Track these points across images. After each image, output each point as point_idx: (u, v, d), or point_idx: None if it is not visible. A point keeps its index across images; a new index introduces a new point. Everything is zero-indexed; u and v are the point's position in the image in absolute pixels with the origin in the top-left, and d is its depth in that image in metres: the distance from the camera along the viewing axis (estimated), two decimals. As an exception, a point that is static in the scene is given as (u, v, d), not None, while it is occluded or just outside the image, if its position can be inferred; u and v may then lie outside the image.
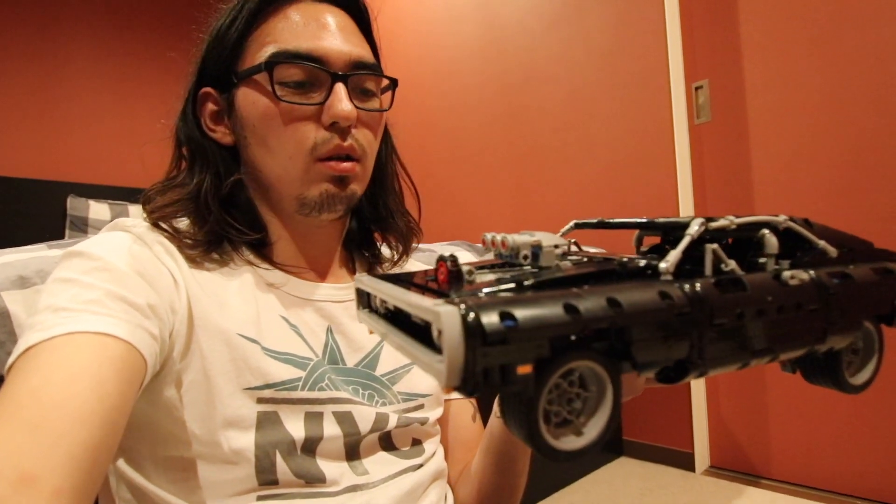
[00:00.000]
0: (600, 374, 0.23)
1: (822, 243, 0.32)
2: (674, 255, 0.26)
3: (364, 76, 0.50)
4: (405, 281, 0.29)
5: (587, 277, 0.26)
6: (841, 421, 1.48)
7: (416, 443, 0.53)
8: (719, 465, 1.71)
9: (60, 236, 2.30)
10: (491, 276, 0.27)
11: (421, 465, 0.51)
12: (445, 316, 0.19)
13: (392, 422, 0.50)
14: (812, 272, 0.29)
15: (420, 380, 0.53)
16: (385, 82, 0.53)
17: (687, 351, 0.25)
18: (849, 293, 0.30)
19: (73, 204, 2.35)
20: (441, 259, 0.28)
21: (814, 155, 1.52)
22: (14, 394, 0.32)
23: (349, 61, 0.48)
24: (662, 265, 0.26)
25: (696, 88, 1.75)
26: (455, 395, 0.20)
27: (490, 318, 0.20)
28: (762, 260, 0.31)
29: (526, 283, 0.24)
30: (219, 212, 0.48)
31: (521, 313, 0.20)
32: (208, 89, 0.51)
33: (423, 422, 0.53)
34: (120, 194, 2.51)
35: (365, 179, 0.52)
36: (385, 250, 0.60)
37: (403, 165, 0.61)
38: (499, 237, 0.29)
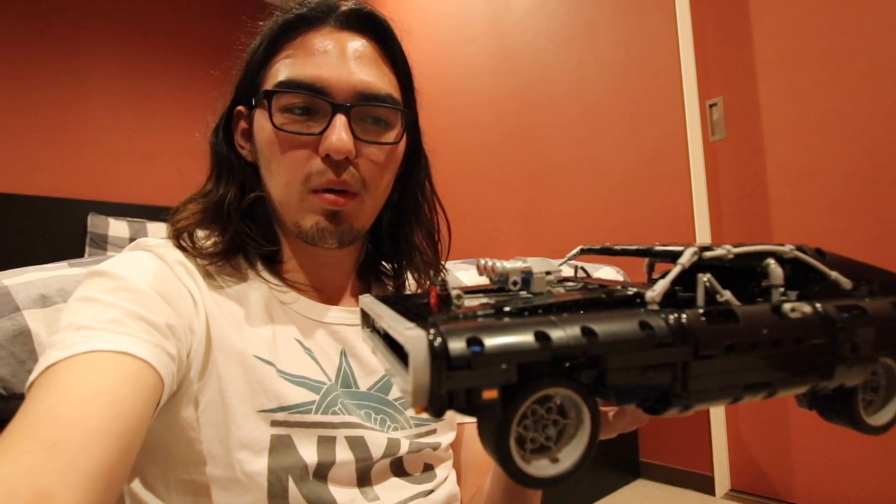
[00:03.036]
0: (577, 402, 0.23)
1: (833, 274, 0.30)
2: (661, 285, 0.26)
3: (373, 107, 0.48)
4: (401, 303, 0.30)
5: (571, 305, 0.26)
6: (864, 443, 1.40)
7: (428, 468, 0.52)
8: (740, 489, 1.65)
9: (80, 254, 2.36)
10: (478, 302, 0.28)
11: (432, 491, 0.51)
12: (413, 339, 0.20)
13: (404, 447, 0.50)
14: (818, 305, 0.28)
15: None
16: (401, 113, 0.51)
17: (669, 383, 0.24)
18: (860, 327, 0.29)
19: (93, 222, 2.40)
20: (432, 283, 0.29)
21: (830, 172, 1.48)
22: (32, 411, 0.33)
23: (354, 91, 0.47)
24: (649, 294, 0.26)
25: (711, 106, 1.73)
26: (425, 415, 0.20)
27: (457, 343, 0.21)
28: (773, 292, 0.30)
29: (505, 309, 0.25)
30: (238, 223, 0.49)
31: (488, 339, 0.21)
32: (241, 108, 0.52)
33: (436, 447, 0.53)
34: (139, 212, 2.55)
35: (364, 214, 0.50)
36: (410, 279, 0.58)
37: (438, 197, 0.59)
38: (490, 263, 0.30)
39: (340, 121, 0.46)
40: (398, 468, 0.50)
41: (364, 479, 0.47)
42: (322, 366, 0.49)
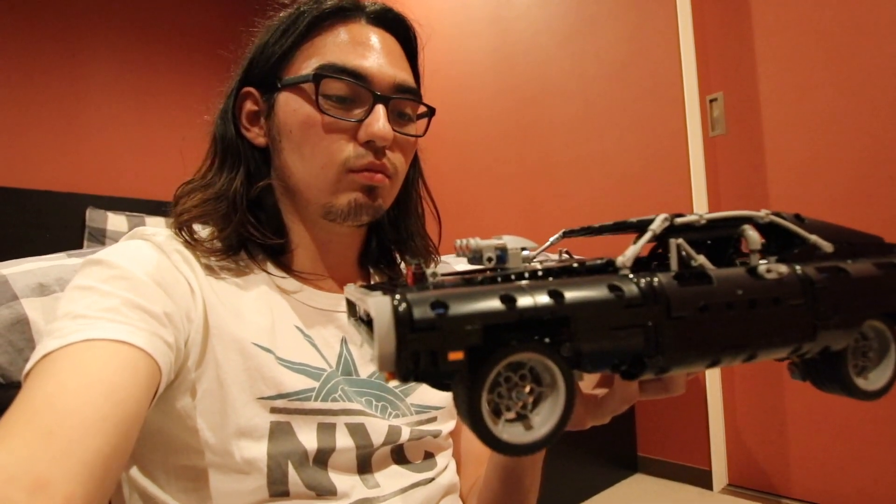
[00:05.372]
0: (550, 368, 0.23)
1: (812, 237, 0.30)
2: (631, 251, 0.26)
3: (404, 100, 0.51)
4: (381, 286, 0.31)
5: (544, 274, 0.26)
6: (863, 437, 1.39)
7: (429, 456, 0.52)
8: (737, 484, 1.64)
9: (79, 247, 2.28)
10: (451, 278, 0.28)
11: (432, 479, 0.51)
12: (377, 305, 0.21)
13: (405, 434, 0.50)
14: (797, 266, 0.28)
15: (433, 392, 0.52)
16: (422, 109, 0.55)
17: (642, 345, 0.24)
18: (842, 288, 0.28)
19: (92, 216, 2.40)
20: (408, 264, 0.29)
21: (829, 167, 1.48)
22: (30, 400, 0.33)
23: (392, 84, 0.50)
24: (619, 259, 0.26)
25: (711, 101, 1.74)
26: (394, 382, 0.21)
27: (420, 306, 0.21)
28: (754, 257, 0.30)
29: (478, 278, 0.25)
30: (244, 214, 0.49)
31: (453, 302, 0.21)
32: (250, 89, 0.52)
33: (436, 434, 0.53)
34: (137, 206, 2.54)
35: (391, 197, 0.53)
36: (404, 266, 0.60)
37: (429, 190, 0.62)
38: (465, 241, 0.30)
39: (382, 110, 0.48)
40: (399, 456, 0.50)
41: (364, 465, 0.47)
42: (322, 353, 0.49)
